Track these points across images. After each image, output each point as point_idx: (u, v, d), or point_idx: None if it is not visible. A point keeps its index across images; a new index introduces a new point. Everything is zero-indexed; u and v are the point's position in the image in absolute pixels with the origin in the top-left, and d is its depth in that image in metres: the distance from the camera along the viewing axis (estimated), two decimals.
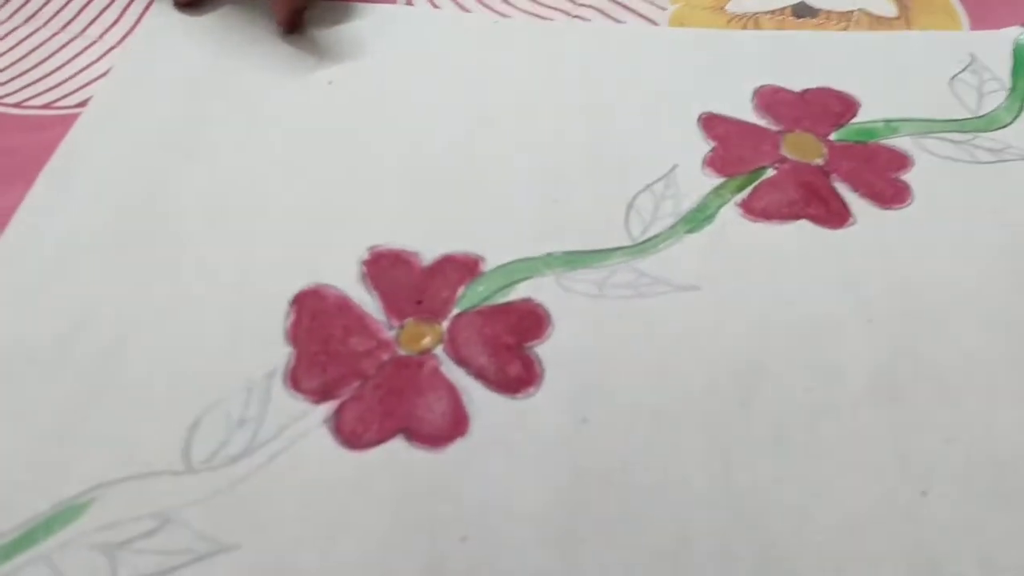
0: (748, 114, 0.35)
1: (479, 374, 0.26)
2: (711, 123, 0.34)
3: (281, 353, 0.27)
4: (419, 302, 0.28)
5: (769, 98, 0.35)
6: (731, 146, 0.33)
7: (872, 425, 0.26)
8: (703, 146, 0.33)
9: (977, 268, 0.29)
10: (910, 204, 0.31)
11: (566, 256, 0.30)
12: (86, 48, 0.37)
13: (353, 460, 0.25)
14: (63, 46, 0.37)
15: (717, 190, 0.32)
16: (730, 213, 0.31)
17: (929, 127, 0.34)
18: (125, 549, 0.22)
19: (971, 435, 0.25)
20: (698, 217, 0.31)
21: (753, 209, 0.31)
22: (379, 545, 0.23)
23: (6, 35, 0.37)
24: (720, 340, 0.28)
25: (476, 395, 0.26)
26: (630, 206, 0.31)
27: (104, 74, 0.36)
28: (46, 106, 0.34)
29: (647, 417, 0.26)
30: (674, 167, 0.33)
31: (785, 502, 0.24)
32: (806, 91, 0.35)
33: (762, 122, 0.34)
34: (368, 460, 0.25)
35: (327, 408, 0.26)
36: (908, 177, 0.32)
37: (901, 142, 0.33)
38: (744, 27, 0.39)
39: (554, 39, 0.38)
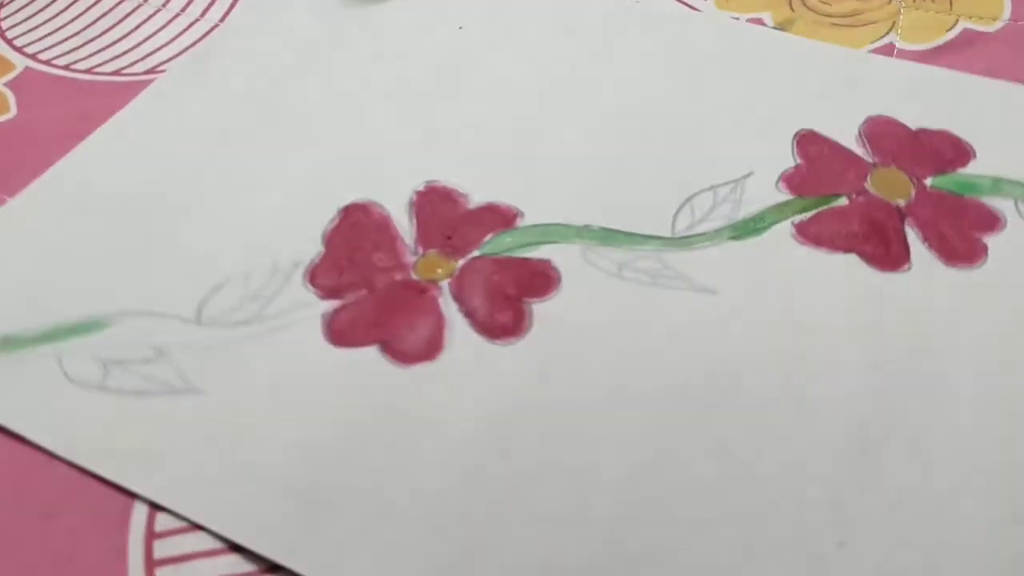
0: (850, 140, 0.33)
1: (469, 313, 0.28)
2: (807, 140, 0.33)
3: (313, 250, 0.30)
4: (449, 238, 0.30)
5: (879, 128, 0.34)
6: (816, 168, 0.32)
7: (822, 467, 0.25)
8: (788, 161, 0.33)
9: (1013, 349, 0.27)
10: (979, 266, 0.29)
11: (603, 231, 0.31)
12: (150, 16, 0.39)
13: (331, 355, 0.27)
14: (128, 14, 0.39)
15: (780, 206, 0.31)
16: (782, 231, 0.30)
17: None
18: (119, 366, 0.26)
19: (915, 504, 0.24)
20: (748, 227, 0.31)
21: (806, 232, 0.30)
22: (330, 428, 0.26)
23: (73, 2, 0.39)
24: (711, 345, 0.27)
25: (459, 331, 0.28)
26: (688, 200, 0.32)
27: (168, 43, 0.37)
28: (115, 73, 0.37)
29: (604, 395, 0.26)
30: (748, 174, 0.32)
31: (700, 514, 0.24)
32: (922, 130, 0.34)
33: (860, 151, 0.33)
34: (342, 358, 0.27)
35: (329, 305, 0.28)
36: (990, 239, 0.30)
37: (1002, 203, 0.31)
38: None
39: (676, 27, 0.38)
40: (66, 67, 0.37)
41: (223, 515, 0.24)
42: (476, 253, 0.30)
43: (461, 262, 0.30)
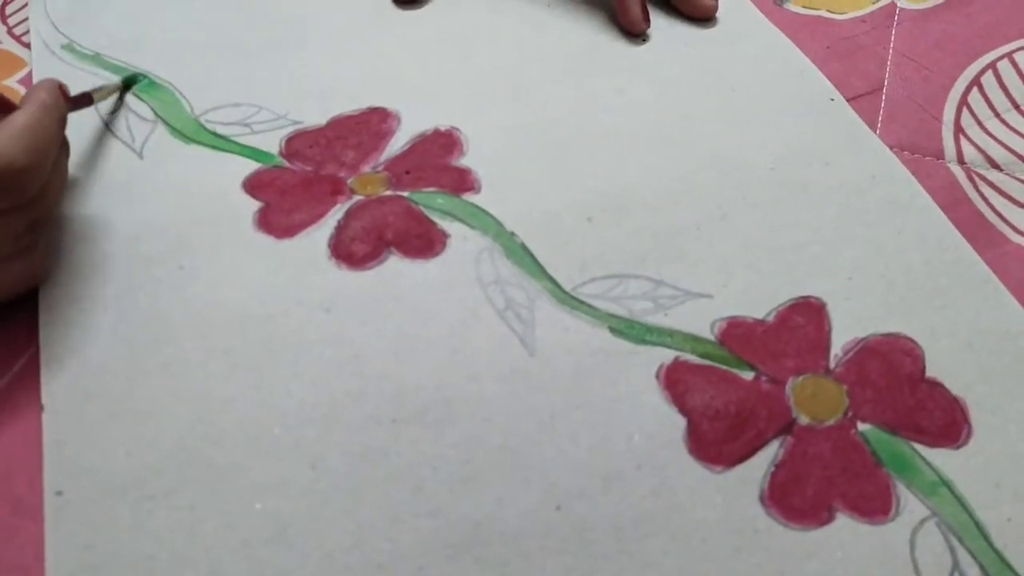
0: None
1: (340, 229, 0.30)
2: (801, 308, 0.28)
3: (316, 120, 0.33)
4: (407, 172, 0.31)
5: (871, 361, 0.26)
6: (772, 336, 0.27)
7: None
8: (760, 313, 0.28)
9: None
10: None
11: (520, 248, 0.29)
12: None
13: (232, 190, 0.31)
14: None
15: (687, 337, 0.27)
16: (656, 357, 0.26)
17: None
18: (121, 112, 0.34)
19: None
20: (634, 330, 0.27)
21: (671, 375, 0.26)
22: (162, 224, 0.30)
23: None
24: (408, 377, 0.26)
25: (319, 236, 0.29)
26: (626, 277, 0.29)
27: None
28: None
29: (347, 353, 0.27)
30: (705, 295, 0.28)
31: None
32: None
33: (843, 363, 0.26)
34: (235, 199, 0.31)
35: (275, 161, 0.32)
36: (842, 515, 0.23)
37: (911, 499, 0.23)
38: None
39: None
40: None
41: None
42: (405, 194, 0.31)
43: (387, 193, 0.31)
